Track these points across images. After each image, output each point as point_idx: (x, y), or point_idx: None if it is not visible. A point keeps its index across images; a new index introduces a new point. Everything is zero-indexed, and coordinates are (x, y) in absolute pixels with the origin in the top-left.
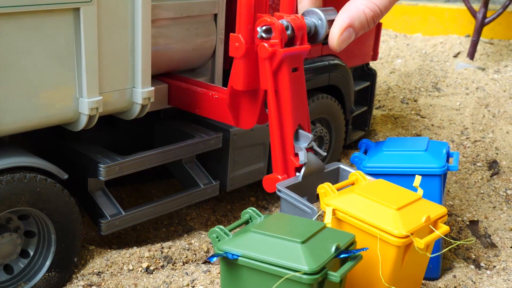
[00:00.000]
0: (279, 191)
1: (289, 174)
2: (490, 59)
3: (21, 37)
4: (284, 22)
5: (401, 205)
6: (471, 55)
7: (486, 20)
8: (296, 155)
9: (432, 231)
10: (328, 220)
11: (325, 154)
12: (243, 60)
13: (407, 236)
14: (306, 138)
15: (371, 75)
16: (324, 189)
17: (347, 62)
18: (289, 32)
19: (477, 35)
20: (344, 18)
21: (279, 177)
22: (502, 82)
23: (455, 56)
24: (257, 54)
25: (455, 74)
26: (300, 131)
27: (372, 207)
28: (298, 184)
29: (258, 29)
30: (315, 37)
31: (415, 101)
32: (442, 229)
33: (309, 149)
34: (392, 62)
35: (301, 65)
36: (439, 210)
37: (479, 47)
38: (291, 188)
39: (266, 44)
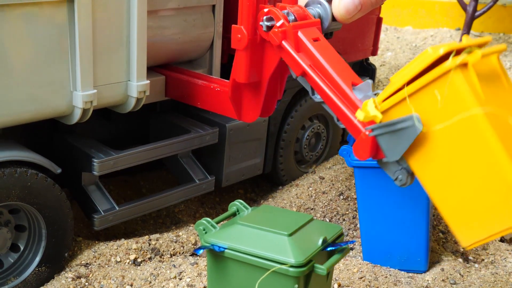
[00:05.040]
0: (373, 129)
1: None
2: None
3: (13, 29)
4: (286, 12)
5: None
6: None
7: (477, 14)
8: None
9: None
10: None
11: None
12: (246, 52)
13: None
14: (366, 86)
15: (370, 70)
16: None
17: (347, 57)
18: (291, 18)
19: (467, 28)
20: None
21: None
22: None
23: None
24: (269, 48)
25: None
26: (357, 86)
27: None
28: None
29: (261, 22)
30: (320, 25)
31: None
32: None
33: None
34: (383, 55)
35: (321, 36)
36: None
37: None
38: None
39: (275, 29)
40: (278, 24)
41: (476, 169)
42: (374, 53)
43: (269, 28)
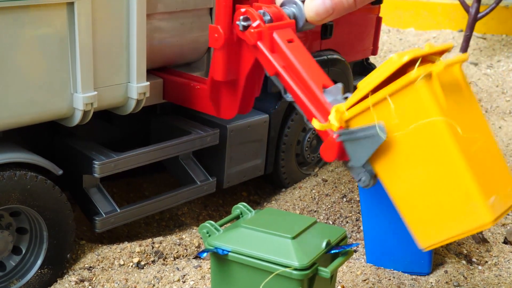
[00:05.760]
0: (340, 135)
1: None
2: (483, 54)
3: (14, 32)
4: (261, 11)
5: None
6: (464, 50)
7: (479, 15)
8: None
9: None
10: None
11: None
12: (222, 50)
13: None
14: (336, 90)
15: (371, 70)
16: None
17: (347, 57)
18: (267, 18)
19: (470, 30)
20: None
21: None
22: (495, 77)
23: (448, 51)
24: (245, 47)
25: None
26: (327, 89)
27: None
28: None
29: (238, 22)
30: (295, 26)
31: None
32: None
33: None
34: (385, 57)
35: (295, 37)
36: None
37: (472, 42)
38: None
39: (251, 30)
40: (254, 24)
41: (435, 175)
42: (374, 52)
43: (245, 27)
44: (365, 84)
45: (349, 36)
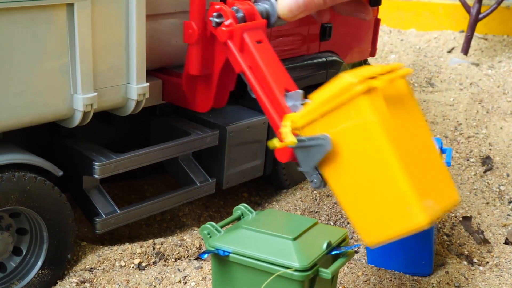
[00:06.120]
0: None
1: None
2: (484, 54)
3: (14, 33)
4: (234, 8)
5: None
6: (465, 50)
7: (480, 16)
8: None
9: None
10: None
11: None
12: (196, 45)
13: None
14: (296, 95)
15: None
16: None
17: (345, 59)
18: (240, 15)
19: (471, 30)
20: None
21: None
22: (496, 78)
23: (449, 52)
24: (218, 42)
25: (449, 69)
26: (289, 93)
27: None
28: None
29: (211, 18)
30: (267, 22)
31: None
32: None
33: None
34: (386, 58)
35: (264, 38)
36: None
37: (473, 42)
38: None
39: (223, 28)
40: (227, 23)
41: (375, 180)
42: (372, 54)
43: (218, 24)
44: (316, 97)
45: (347, 38)
